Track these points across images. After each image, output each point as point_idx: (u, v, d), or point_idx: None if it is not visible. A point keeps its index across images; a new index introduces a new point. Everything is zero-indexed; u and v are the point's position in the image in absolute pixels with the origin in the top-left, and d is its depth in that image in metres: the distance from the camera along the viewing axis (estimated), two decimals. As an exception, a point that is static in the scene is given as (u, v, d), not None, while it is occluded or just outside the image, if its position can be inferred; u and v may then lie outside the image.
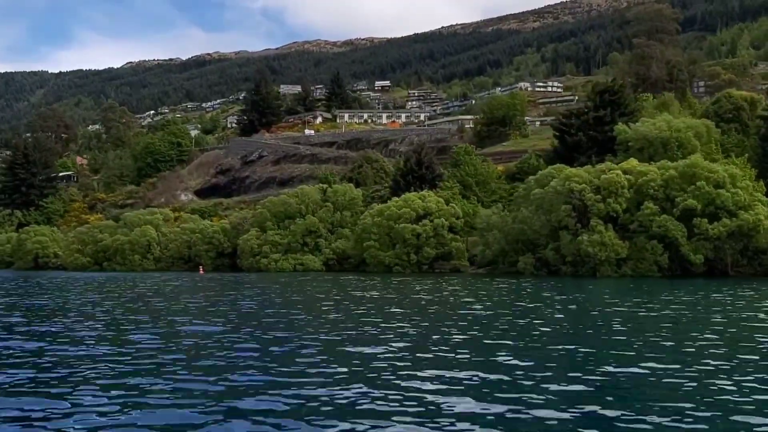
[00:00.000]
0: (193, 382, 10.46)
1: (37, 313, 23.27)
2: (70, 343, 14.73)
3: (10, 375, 10.96)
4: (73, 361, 12.31)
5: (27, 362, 12.26)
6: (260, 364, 12.02)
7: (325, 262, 77.41)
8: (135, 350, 13.58)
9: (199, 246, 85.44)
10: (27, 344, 14.62)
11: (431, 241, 67.98)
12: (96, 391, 9.79)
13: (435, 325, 18.91)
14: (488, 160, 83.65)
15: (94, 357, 12.78)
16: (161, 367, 11.68)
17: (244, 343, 14.69)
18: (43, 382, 10.50)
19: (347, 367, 11.69)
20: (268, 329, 17.51)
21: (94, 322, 19.45)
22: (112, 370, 11.34)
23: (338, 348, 14.20)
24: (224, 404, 8.97)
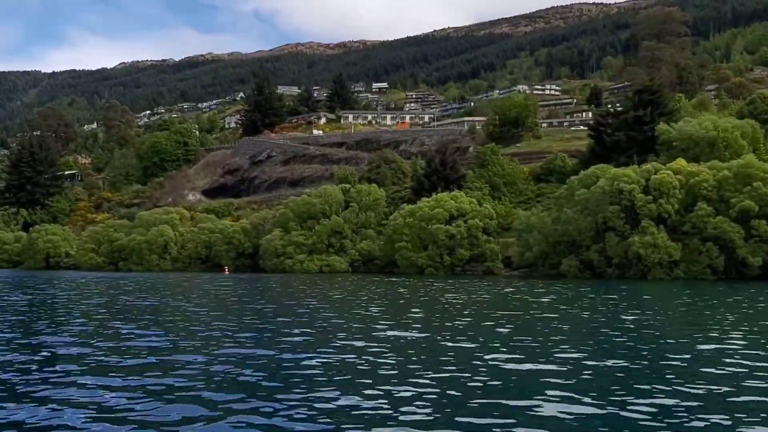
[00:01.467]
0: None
1: (172, 314, 20.49)
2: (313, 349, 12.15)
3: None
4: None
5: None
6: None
7: (350, 264, 74.85)
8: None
9: (219, 246, 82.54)
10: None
11: (465, 243, 65.54)
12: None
13: (604, 336, 16.40)
14: (515, 161, 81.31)
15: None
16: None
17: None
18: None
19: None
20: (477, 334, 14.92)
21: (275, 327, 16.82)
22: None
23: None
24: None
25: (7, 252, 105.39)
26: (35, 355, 13.37)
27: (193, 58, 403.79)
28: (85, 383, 10.36)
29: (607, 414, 8.63)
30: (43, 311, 24.34)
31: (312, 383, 10.50)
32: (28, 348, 14.32)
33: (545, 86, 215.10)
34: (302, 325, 18.80)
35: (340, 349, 14.17)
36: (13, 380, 10.72)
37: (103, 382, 10.47)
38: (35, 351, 13.83)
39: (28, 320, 20.70)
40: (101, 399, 9.37)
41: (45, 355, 13.43)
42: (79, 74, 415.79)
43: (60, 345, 14.74)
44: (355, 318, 21.52)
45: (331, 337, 16.13)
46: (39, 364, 12.20)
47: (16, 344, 14.81)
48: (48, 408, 8.84)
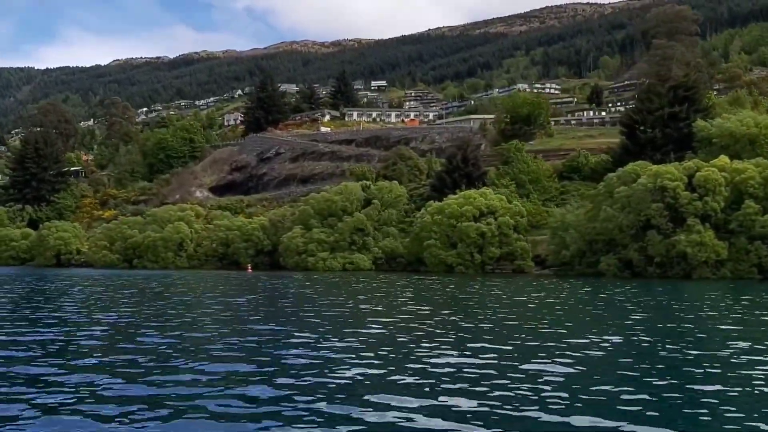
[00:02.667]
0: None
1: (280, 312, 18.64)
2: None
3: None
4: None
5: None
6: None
7: (373, 261, 73.05)
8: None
9: (237, 244, 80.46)
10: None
11: (495, 241, 63.86)
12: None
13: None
14: (539, 158, 79.72)
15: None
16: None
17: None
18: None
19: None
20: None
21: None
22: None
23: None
24: None
25: (14, 249, 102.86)
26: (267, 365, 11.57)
27: (188, 56, 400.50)
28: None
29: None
30: (179, 313, 22.41)
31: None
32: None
33: (545, 85, 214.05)
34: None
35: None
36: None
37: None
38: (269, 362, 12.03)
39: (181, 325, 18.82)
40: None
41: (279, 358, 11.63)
42: (72, 71, 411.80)
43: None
44: (505, 324, 19.73)
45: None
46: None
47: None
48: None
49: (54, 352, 13.26)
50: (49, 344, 14.29)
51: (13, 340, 14.74)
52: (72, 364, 11.85)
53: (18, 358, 12.43)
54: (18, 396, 9.28)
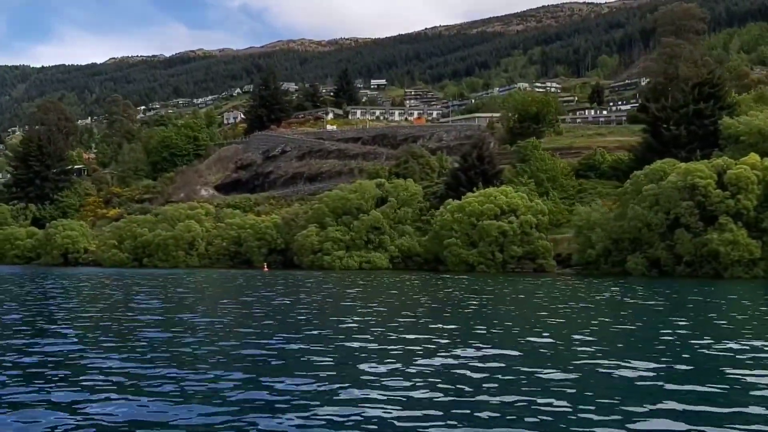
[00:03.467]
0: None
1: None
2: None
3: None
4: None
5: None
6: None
7: (390, 260, 71.89)
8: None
9: (250, 242, 79.16)
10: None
11: (516, 239, 62.82)
12: None
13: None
14: (556, 156, 78.71)
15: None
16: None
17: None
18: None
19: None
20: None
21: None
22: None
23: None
24: None
25: (19, 248, 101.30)
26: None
27: (184, 54, 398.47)
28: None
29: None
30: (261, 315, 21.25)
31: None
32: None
33: (546, 84, 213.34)
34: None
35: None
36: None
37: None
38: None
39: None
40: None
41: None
42: (68, 69, 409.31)
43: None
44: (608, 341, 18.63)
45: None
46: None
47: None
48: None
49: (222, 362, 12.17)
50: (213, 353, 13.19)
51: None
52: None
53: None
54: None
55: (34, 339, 14.77)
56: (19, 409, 8.61)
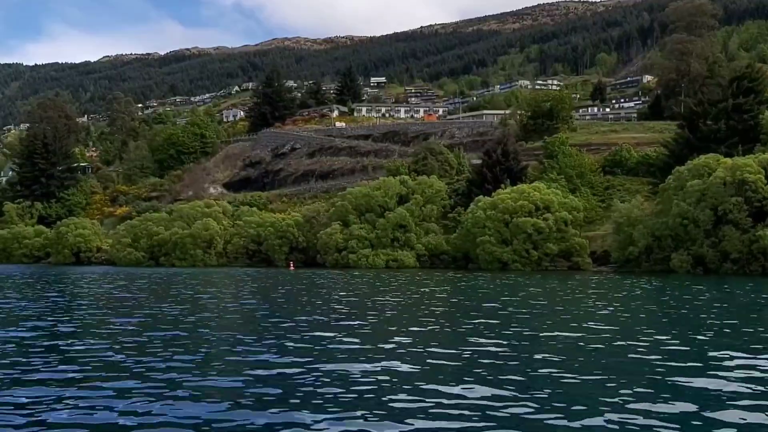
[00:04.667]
0: None
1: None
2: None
3: None
4: None
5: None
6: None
7: (417, 258, 70.11)
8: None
9: (271, 240, 77.17)
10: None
11: (552, 237, 61.17)
12: None
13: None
14: (583, 152, 77.07)
15: None
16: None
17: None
18: None
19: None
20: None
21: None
22: None
23: None
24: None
25: (27, 247, 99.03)
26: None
27: (179, 52, 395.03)
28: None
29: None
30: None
31: None
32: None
33: (546, 81, 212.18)
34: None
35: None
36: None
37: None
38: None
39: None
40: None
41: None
42: (62, 67, 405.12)
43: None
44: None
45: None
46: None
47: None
48: None
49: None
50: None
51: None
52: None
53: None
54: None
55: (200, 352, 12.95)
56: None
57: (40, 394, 9.07)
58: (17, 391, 9.27)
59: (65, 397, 8.91)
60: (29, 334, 14.99)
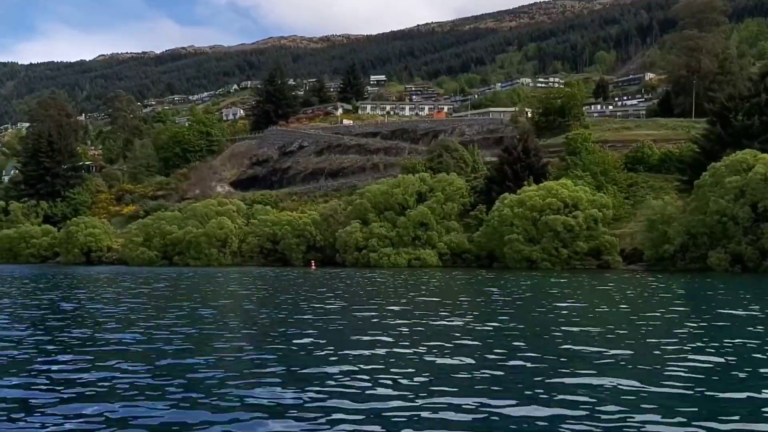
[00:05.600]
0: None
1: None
2: None
3: None
4: None
5: None
6: None
7: (439, 257, 68.57)
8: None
9: (288, 239, 75.49)
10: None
11: (582, 234, 59.73)
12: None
13: None
14: (605, 148, 75.66)
15: None
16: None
17: None
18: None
19: None
20: None
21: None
22: None
23: None
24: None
25: (34, 246, 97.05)
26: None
27: (174, 51, 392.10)
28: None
29: None
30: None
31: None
32: None
33: (548, 79, 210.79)
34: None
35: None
36: None
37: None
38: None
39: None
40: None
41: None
42: (57, 66, 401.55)
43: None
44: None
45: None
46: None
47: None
48: None
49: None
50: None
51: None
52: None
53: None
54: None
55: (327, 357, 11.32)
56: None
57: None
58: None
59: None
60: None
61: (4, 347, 12.54)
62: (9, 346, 12.76)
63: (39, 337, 14.25)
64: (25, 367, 10.68)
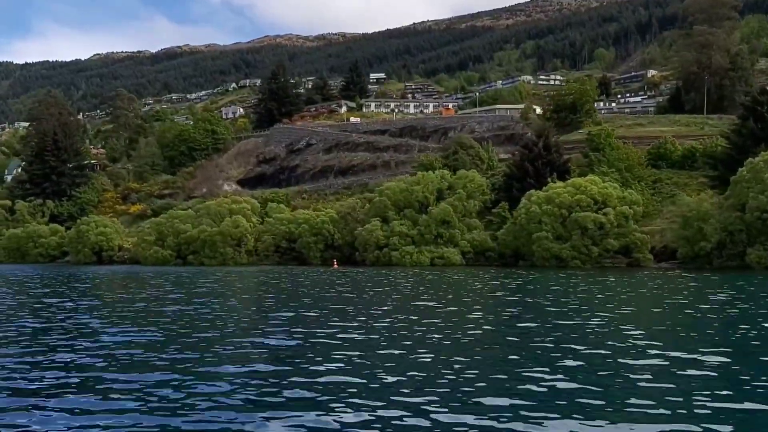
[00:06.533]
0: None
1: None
2: None
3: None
4: None
5: None
6: None
7: (462, 255, 67.08)
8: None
9: (306, 238, 73.85)
10: None
11: (613, 232, 58.34)
12: None
13: None
14: (629, 144, 74.29)
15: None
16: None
17: None
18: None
19: None
20: None
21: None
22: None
23: None
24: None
25: (42, 246, 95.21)
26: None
27: (170, 50, 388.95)
28: None
29: None
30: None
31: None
32: None
33: (549, 76, 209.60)
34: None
35: None
36: None
37: None
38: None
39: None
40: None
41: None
42: (53, 65, 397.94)
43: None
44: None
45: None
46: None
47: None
48: None
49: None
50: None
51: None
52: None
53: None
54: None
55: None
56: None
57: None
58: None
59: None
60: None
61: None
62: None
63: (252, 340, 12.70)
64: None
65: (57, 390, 9.46)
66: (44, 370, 10.84)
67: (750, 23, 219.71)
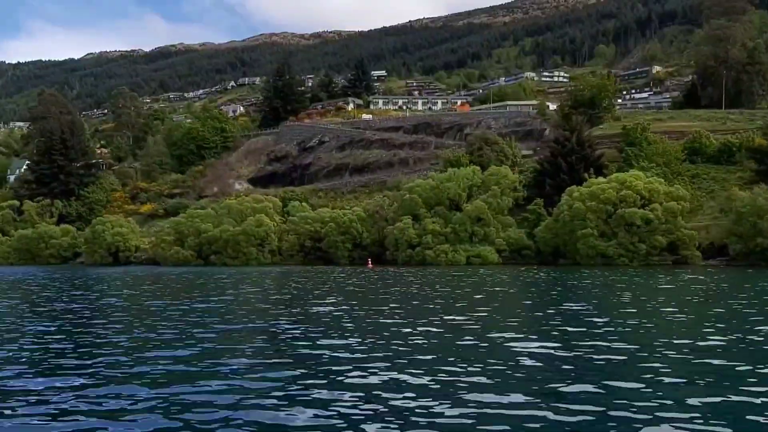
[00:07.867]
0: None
1: None
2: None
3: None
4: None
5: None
6: None
7: (498, 254, 65.04)
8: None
9: (333, 237, 71.59)
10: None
11: (661, 229, 56.40)
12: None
13: None
14: (664, 139, 72.40)
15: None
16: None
17: None
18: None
19: None
20: None
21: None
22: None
23: None
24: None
25: (54, 247, 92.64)
26: None
27: (164, 49, 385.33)
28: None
29: None
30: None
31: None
32: None
33: (553, 73, 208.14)
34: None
35: None
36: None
37: None
38: None
39: None
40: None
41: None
42: (45, 65, 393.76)
43: None
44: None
45: None
46: None
47: None
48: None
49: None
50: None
51: None
52: None
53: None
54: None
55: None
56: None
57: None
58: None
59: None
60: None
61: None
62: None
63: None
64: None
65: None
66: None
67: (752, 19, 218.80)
